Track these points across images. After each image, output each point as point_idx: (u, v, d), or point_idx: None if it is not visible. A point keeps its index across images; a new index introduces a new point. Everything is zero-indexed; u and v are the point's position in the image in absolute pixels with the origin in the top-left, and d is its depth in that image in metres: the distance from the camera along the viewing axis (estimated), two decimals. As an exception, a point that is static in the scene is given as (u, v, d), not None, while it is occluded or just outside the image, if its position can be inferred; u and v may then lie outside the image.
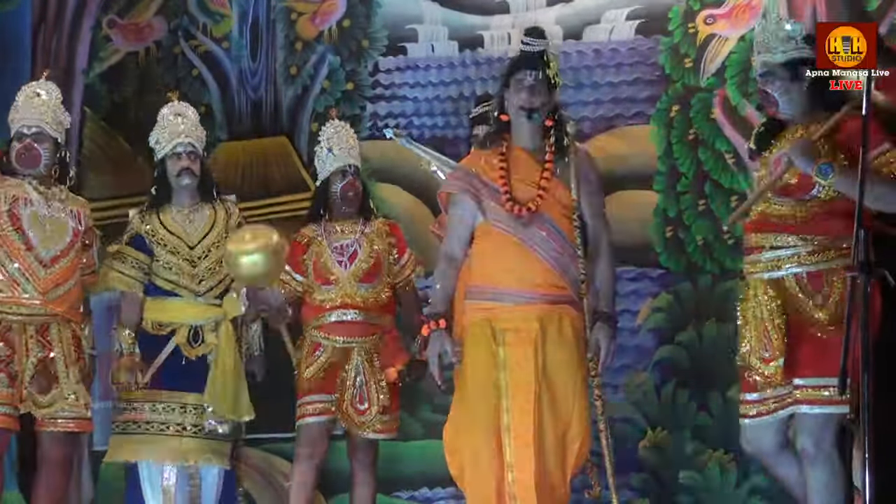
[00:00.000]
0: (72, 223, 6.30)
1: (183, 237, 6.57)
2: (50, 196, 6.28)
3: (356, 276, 6.36)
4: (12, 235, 6.14)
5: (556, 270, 5.35)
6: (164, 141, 6.59)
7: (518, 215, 5.35)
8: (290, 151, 7.59)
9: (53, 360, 6.19)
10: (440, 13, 7.33)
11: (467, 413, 5.38)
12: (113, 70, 7.89)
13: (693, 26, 6.79)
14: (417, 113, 7.36)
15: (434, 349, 5.36)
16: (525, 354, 5.30)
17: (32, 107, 6.30)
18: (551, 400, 5.30)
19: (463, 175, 5.56)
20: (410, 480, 7.02)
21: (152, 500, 6.53)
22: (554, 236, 5.37)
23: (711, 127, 6.69)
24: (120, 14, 7.92)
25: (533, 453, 5.21)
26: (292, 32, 7.64)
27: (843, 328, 4.71)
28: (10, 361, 6.08)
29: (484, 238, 5.45)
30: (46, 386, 6.15)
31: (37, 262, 6.16)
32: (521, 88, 5.42)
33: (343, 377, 6.30)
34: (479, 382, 5.35)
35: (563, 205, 5.42)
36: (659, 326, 6.70)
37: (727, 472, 6.52)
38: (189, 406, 6.47)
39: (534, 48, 5.48)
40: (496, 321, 5.35)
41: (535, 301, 5.32)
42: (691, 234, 6.72)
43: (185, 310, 6.55)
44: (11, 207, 6.17)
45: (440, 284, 5.49)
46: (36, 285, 6.12)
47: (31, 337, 6.14)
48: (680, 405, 6.64)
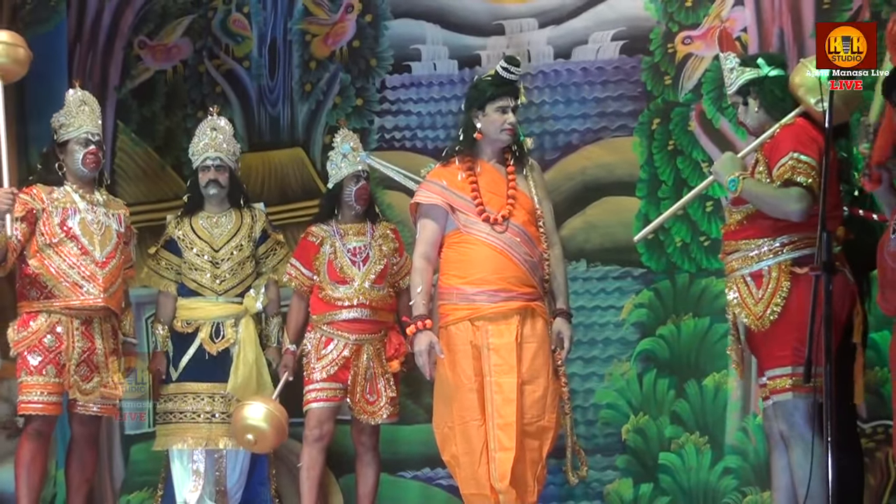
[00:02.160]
0: (115, 226, 6.33)
1: (209, 241, 6.66)
2: (93, 201, 6.30)
3: (369, 277, 6.38)
4: (68, 245, 6.15)
5: (527, 272, 5.45)
6: (197, 153, 6.73)
7: (493, 223, 5.44)
8: (305, 161, 7.53)
9: (95, 351, 6.21)
10: (441, 35, 7.28)
11: (455, 405, 5.44)
12: (143, 87, 7.87)
13: (672, 46, 6.75)
14: (421, 126, 7.30)
15: (422, 346, 5.42)
16: (507, 348, 5.37)
17: (84, 114, 6.32)
18: (528, 387, 5.38)
19: (434, 187, 5.61)
20: (413, 461, 6.97)
21: (184, 481, 6.62)
22: (525, 241, 5.47)
23: (689, 138, 6.66)
24: (150, 35, 7.85)
25: (514, 436, 5.28)
26: (307, 52, 7.58)
27: (780, 321, 4.91)
28: (59, 353, 6.11)
29: (458, 245, 5.53)
30: (89, 375, 6.19)
31: (93, 264, 6.17)
32: (505, 112, 5.53)
33: (354, 370, 6.34)
34: (465, 378, 5.43)
35: (529, 211, 5.54)
36: (641, 321, 6.67)
37: (702, 454, 6.49)
38: (217, 395, 6.58)
39: (514, 76, 5.58)
40: (478, 320, 5.42)
41: (512, 299, 5.41)
42: (670, 236, 6.67)
43: (207, 308, 6.64)
44: (63, 218, 6.17)
45: (421, 287, 5.53)
46: (96, 286, 6.15)
47: (77, 329, 6.16)
48: (660, 392, 6.60)
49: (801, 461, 4.85)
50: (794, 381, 4.89)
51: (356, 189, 6.47)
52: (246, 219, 6.76)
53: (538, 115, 6.99)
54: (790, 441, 4.95)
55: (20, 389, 6.14)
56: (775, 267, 4.98)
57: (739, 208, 5.10)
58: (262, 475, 6.82)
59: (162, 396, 6.64)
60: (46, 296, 6.13)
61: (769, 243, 5.01)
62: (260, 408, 6.30)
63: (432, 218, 5.59)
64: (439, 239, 5.60)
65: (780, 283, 4.95)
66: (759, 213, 5.01)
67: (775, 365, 4.98)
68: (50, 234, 6.13)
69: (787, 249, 4.97)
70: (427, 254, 5.59)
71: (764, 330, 4.98)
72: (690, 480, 6.51)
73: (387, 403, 6.36)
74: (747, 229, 5.07)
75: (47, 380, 6.07)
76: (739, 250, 5.09)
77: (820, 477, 4.70)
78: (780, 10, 6.50)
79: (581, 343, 6.62)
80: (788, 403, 4.94)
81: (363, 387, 6.35)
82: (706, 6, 6.71)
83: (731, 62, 5.25)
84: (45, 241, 6.12)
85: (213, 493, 6.62)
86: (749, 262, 5.05)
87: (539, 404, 5.40)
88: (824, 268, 4.25)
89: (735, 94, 5.23)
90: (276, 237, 6.90)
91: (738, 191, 4.96)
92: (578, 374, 6.68)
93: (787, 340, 4.92)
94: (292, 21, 7.64)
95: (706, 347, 6.45)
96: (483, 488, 5.38)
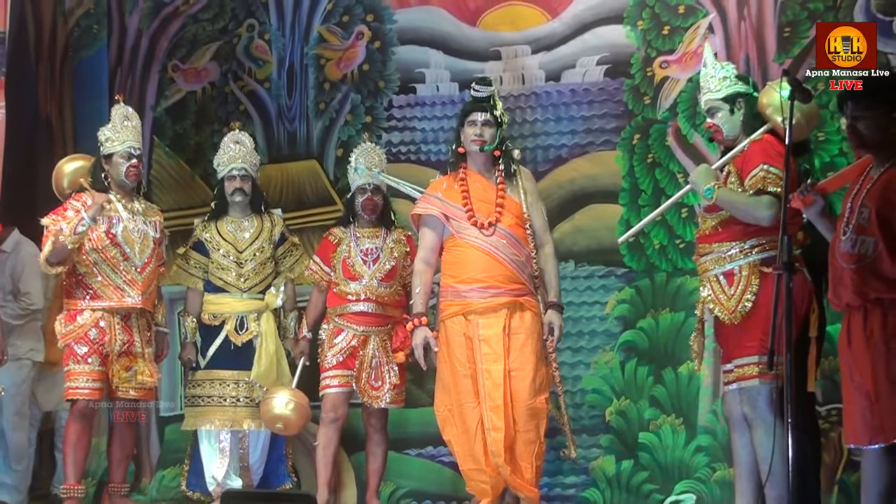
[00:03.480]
0: (152, 233, 6.40)
1: (234, 243, 6.68)
2: (133, 210, 6.36)
3: (377, 276, 6.45)
4: (113, 251, 6.25)
5: (515, 270, 5.55)
6: (223, 164, 6.75)
7: (482, 228, 5.56)
8: (319, 172, 7.60)
9: (133, 343, 6.30)
10: (443, 60, 7.33)
11: (453, 391, 5.57)
12: (176, 106, 7.93)
13: (651, 70, 6.78)
14: (425, 141, 7.36)
15: (417, 341, 5.60)
16: (495, 338, 5.49)
17: (128, 130, 6.37)
18: (518, 372, 5.48)
19: (430, 199, 5.75)
20: (418, 440, 7.01)
21: (212, 459, 6.65)
22: (512, 242, 5.59)
23: (666, 152, 6.69)
24: (182, 60, 7.94)
25: (503, 416, 5.39)
26: (321, 75, 7.63)
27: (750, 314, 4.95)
28: (102, 344, 6.21)
29: (453, 248, 5.66)
30: (128, 364, 6.29)
31: (134, 270, 6.27)
32: (473, 126, 5.64)
33: (361, 358, 6.41)
34: (459, 365, 5.55)
35: (516, 216, 5.63)
36: (623, 315, 6.69)
37: (678, 434, 6.52)
38: (241, 381, 6.60)
39: (481, 94, 5.71)
40: (470, 314, 5.55)
41: (500, 295, 5.53)
42: (650, 239, 6.71)
43: (232, 303, 6.67)
44: (108, 226, 6.25)
45: (420, 289, 5.68)
46: (137, 289, 6.26)
47: (118, 324, 6.25)
48: (640, 379, 6.64)
49: (762, 440, 4.93)
50: (759, 369, 4.97)
51: (363, 200, 6.54)
52: (266, 223, 6.78)
53: (531, 131, 7.01)
54: (753, 422, 5.01)
55: (67, 376, 6.24)
56: (746, 266, 5.05)
57: (713, 215, 5.16)
58: (280, 452, 6.82)
59: (191, 382, 6.69)
60: (92, 296, 6.24)
61: (740, 245, 5.07)
62: (283, 399, 6.37)
63: (430, 226, 5.74)
64: (438, 244, 5.73)
65: (750, 281, 5.02)
66: (732, 219, 5.06)
67: (743, 354, 5.05)
68: (97, 240, 6.21)
69: (755, 251, 5.05)
70: (426, 258, 5.74)
71: (735, 323, 5.04)
72: (667, 457, 6.54)
73: (390, 389, 6.39)
74: (721, 233, 5.12)
75: (92, 368, 6.18)
76: (713, 252, 5.14)
77: (780, 454, 4.70)
78: (746, 38, 6.51)
79: (570, 335, 6.63)
80: (753, 389, 5.01)
81: (368, 374, 6.39)
82: (681, 34, 6.71)
83: (728, 71, 5.27)
84: (93, 247, 6.20)
85: (237, 469, 6.66)
86: (722, 262, 5.11)
87: (530, 388, 5.48)
88: (785, 267, 4.27)
89: (721, 100, 5.21)
90: (292, 240, 6.93)
91: (714, 199, 5.00)
92: (567, 363, 6.69)
93: (755, 333, 4.99)
94: (308, 47, 7.69)
95: (681, 339, 6.42)
96: (479, 463, 5.52)
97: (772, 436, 4.76)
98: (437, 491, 7.01)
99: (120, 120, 6.41)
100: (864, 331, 4.57)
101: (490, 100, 5.72)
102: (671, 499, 6.46)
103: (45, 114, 7.85)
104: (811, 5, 6.39)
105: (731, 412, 5.21)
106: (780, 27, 6.46)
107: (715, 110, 5.25)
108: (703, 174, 5.11)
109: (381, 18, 7.55)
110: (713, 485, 6.38)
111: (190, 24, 7.98)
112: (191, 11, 7.98)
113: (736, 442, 5.22)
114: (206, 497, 6.72)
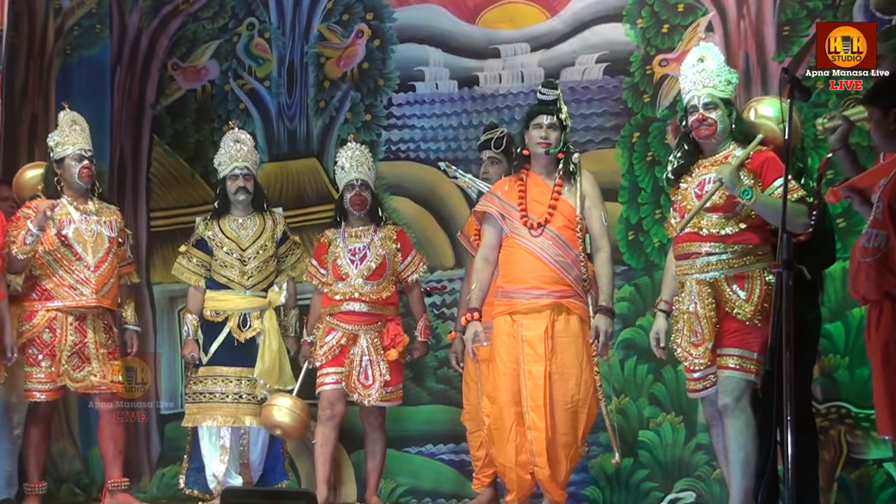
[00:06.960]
0: (107, 232, 6.47)
1: (237, 241, 6.68)
2: (86, 211, 6.44)
3: (363, 274, 6.43)
4: (65, 252, 6.33)
5: (559, 271, 5.50)
6: (225, 164, 6.74)
7: (531, 228, 5.54)
8: (319, 170, 7.61)
9: (86, 345, 6.36)
10: (442, 58, 7.35)
11: (496, 386, 5.56)
12: (176, 104, 7.94)
13: (650, 68, 6.79)
14: (424, 139, 7.37)
15: (468, 334, 5.58)
16: (537, 340, 5.46)
17: (76, 133, 6.45)
18: (560, 375, 5.46)
19: (491, 197, 5.74)
20: (418, 438, 7.04)
21: (212, 456, 6.65)
22: (558, 244, 5.53)
23: (665, 150, 6.59)
24: (182, 58, 7.97)
25: (544, 417, 5.39)
26: (321, 73, 7.65)
27: (764, 316, 4.91)
28: (53, 346, 6.28)
29: (506, 248, 5.65)
30: (80, 365, 6.34)
31: (86, 269, 6.33)
32: (539, 129, 5.61)
33: (351, 357, 6.40)
34: (503, 363, 5.54)
35: (568, 219, 5.57)
36: (623, 313, 6.63)
37: (677, 432, 6.53)
38: (244, 378, 6.60)
39: (547, 97, 5.67)
40: (515, 314, 5.53)
41: (544, 297, 5.49)
42: (649, 237, 6.73)
43: (235, 300, 6.66)
44: (59, 229, 6.33)
45: (477, 284, 5.68)
46: (90, 287, 6.32)
47: (71, 325, 6.32)
48: (639, 377, 6.65)
49: (742, 429, 4.94)
50: (756, 367, 4.96)
51: (350, 196, 6.51)
52: (268, 222, 6.78)
53: (531, 129, 7.05)
54: (733, 412, 4.97)
55: (25, 378, 6.33)
56: (758, 269, 5.02)
57: (727, 214, 5.06)
58: (278, 450, 6.83)
59: (193, 378, 6.68)
60: (47, 297, 6.32)
61: (763, 248, 5.05)
62: (283, 408, 6.38)
63: (490, 224, 5.73)
64: (497, 242, 5.70)
65: (763, 282, 4.99)
66: (761, 222, 5.02)
67: (744, 346, 5.01)
68: (49, 242, 6.29)
69: (767, 257, 5.03)
70: (486, 256, 5.72)
71: (748, 321, 4.99)
72: (667, 455, 6.55)
73: (381, 387, 6.36)
74: (746, 235, 5.05)
75: (46, 370, 6.27)
76: (726, 252, 5.06)
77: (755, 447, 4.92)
78: (745, 37, 6.54)
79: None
80: (743, 382, 4.98)
81: (358, 371, 6.38)
82: (680, 32, 6.72)
83: (734, 78, 5.22)
84: (45, 249, 6.29)
85: (237, 466, 6.66)
86: (733, 264, 5.05)
87: (570, 393, 5.46)
88: (784, 265, 4.25)
89: (723, 100, 5.14)
90: (293, 239, 6.94)
91: (753, 200, 4.90)
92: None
93: (763, 330, 4.96)
94: (308, 45, 7.71)
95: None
96: (509, 461, 5.52)
97: (751, 427, 4.89)
98: (437, 489, 7.00)
99: (68, 124, 6.50)
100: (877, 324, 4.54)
101: (556, 103, 5.69)
102: (671, 497, 6.48)
103: (33, 110, 7.86)
104: (810, 4, 6.40)
105: (712, 414, 5.20)
106: (780, 25, 6.47)
107: (713, 107, 5.18)
108: (733, 174, 4.98)
109: (381, 17, 7.58)
110: (713, 483, 6.37)
111: (190, 23, 8.01)
112: (191, 10, 8.02)
113: (716, 440, 5.25)
114: (205, 494, 6.72)
